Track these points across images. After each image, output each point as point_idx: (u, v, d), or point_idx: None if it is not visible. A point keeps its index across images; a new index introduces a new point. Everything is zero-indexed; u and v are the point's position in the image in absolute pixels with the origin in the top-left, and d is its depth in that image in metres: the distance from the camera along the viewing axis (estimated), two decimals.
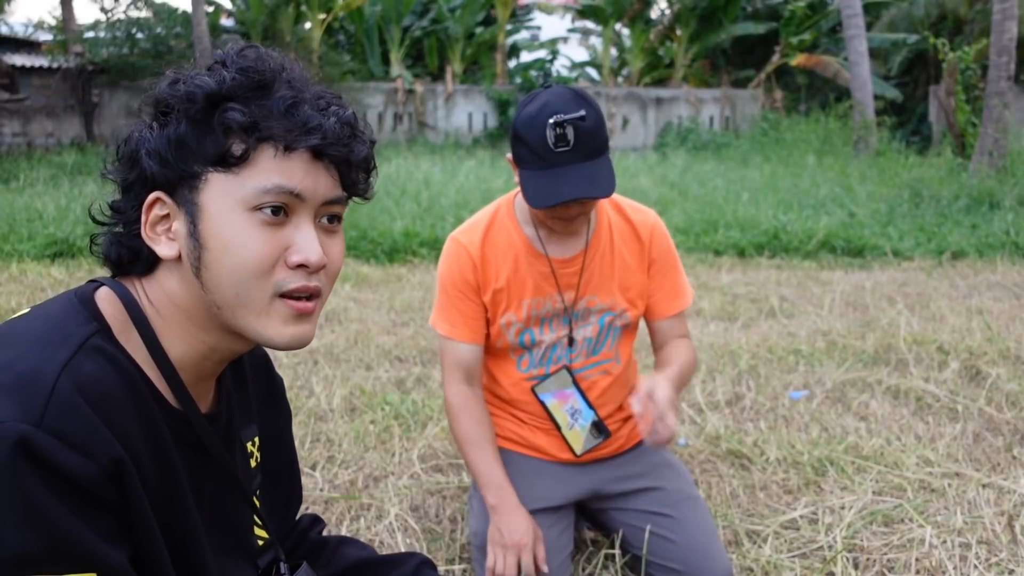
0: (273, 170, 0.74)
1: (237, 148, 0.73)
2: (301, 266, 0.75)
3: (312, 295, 0.77)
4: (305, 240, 0.75)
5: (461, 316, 1.61)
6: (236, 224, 0.73)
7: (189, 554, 0.77)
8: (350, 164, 0.78)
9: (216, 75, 0.74)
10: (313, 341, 3.48)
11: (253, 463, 0.94)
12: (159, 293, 0.78)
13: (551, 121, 1.36)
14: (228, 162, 0.73)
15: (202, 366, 0.80)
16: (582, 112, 1.37)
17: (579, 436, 1.64)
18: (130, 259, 0.79)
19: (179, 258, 0.76)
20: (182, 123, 0.73)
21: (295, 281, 0.75)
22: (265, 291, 0.75)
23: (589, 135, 1.38)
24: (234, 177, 0.73)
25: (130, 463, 0.68)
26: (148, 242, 0.76)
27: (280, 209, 0.74)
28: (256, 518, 0.92)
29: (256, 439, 0.96)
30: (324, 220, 0.79)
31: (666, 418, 1.34)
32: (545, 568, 1.52)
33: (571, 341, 1.62)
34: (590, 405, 1.63)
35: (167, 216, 0.76)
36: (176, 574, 0.75)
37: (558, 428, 1.64)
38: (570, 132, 1.36)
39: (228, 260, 0.73)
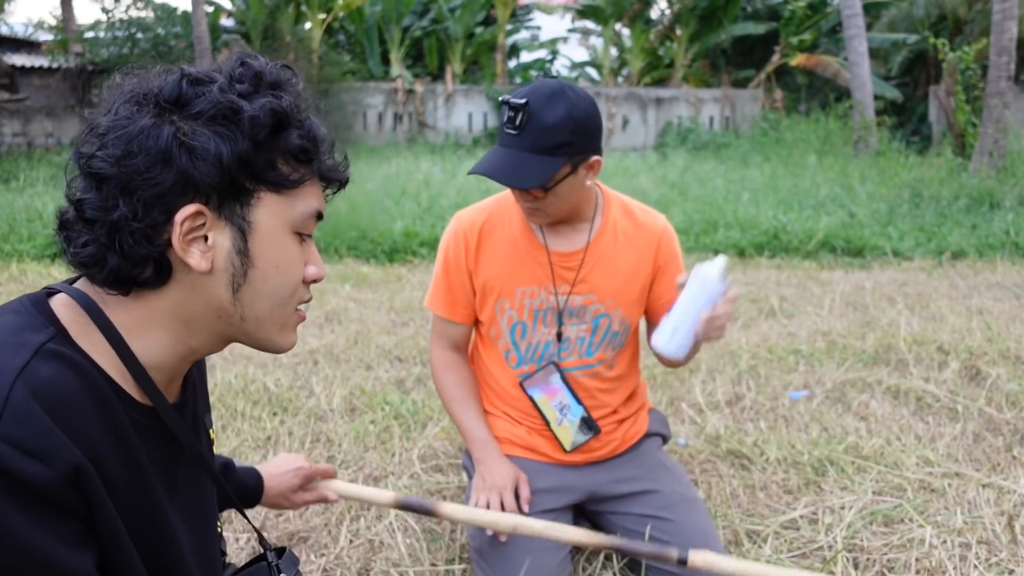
0: (312, 196, 0.81)
1: (295, 174, 0.78)
2: (315, 281, 0.83)
3: None
4: (317, 258, 0.84)
5: (450, 295, 1.65)
6: (286, 245, 0.79)
7: (163, 551, 0.77)
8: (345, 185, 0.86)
9: (279, 98, 0.76)
10: (313, 341, 3.49)
11: (215, 448, 0.97)
12: (157, 304, 0.76)
13: (500, 99, 1.43)
14: (283, 185, 0.77)
15: (178, 367, 0.81)
16: (524, 100, 1.37)
17: (568, 432, 1.64)
18: (129, 270, 0.73)
19: (209, 271, 0.75)
20: (245, 140, 0.74)
21: (307, 294, 0.84)
22: (293, 306, 0.82)
23: (539, 129, 1.37)
24: (285, 200, 0.78)
25: (91, 468, 0.67)
26: (180, 253, 0.73)
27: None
28: (231, 505, 0.95)
29: (210, 426, 0.98)
30: None
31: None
32: (526, 508, 1.57)
33: (559, 336, 1.61)
34: (579, 401, 1.62)
35: (201, 226, 0.74)
36: (150, 574, 0.74)
37: (547, 424, 1.64)
38: (521, 117, 1.37)
39: (277, 279, 0.78)
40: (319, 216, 0.82)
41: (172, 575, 0.76)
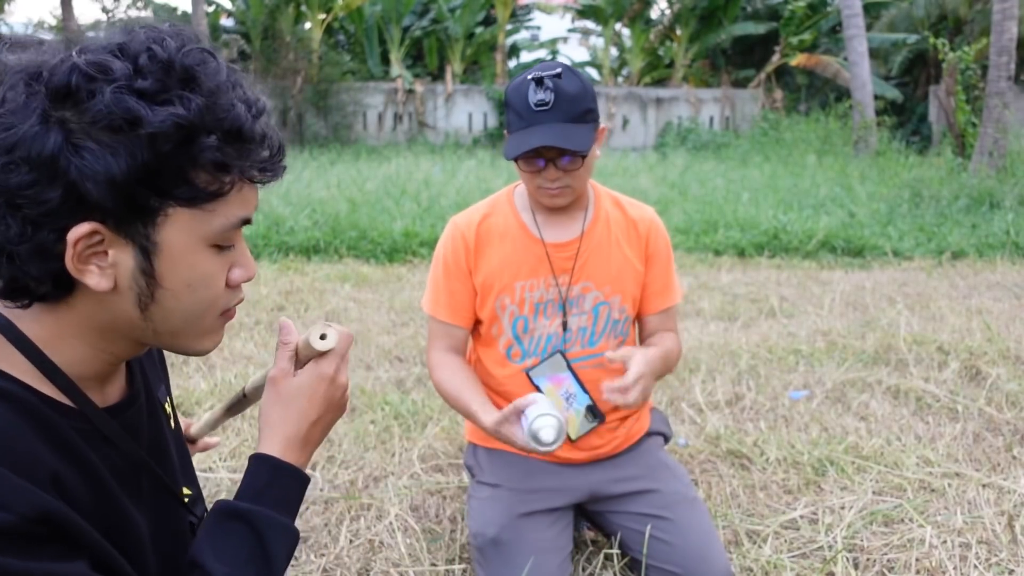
0: (237, 204, 0.71)
1: (213, 186, 0.68)
2: (243, 282, 0.76)
3: None
4: (246, 259, 0.76)
5: (452, 298, 1.64)
6: (201, 263, 0.71)
7: (128, 555, 0.75)
8: (278, 173, 0.75)
9: (187, 103, 0.64)
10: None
11: (173, 424, 0.94)
12: (66, 315, 0.71)
13: (530, 77, 1.45)
14: (198, 199, 0.67)
15: (107, 371, 0.77)
16: (558, 69, 1.44)
17: (574, 420, 1.64)
18: (24, 284, 0.67)
19: (112, 288, 0.68)
20: (145, 153, 0.63)
21: (235, 298, 0.77)
22: (213, 316, 0.75)
23: (569, 99, 1.43)
24: (201, 214, 0.68)
25: (55, 503, 0.63)
26: (75, 274, 0.66)
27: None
28: (185, 499, 0.90)
29: (169, 398, 0.95)
30: None
31: (627, 393, 1.39)
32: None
33: (565, 326, 1.62)
34: (584, 389, 1.63)
35: (100, 243, 0.66)
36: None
37: None
38: (549, 95, 1.43)
39: (189, 298, 0.71)
40: (246, 221, 0.73)
41: (135, 572, 0.75)
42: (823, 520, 1.97)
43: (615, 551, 1.71)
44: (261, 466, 0.80)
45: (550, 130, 1.42)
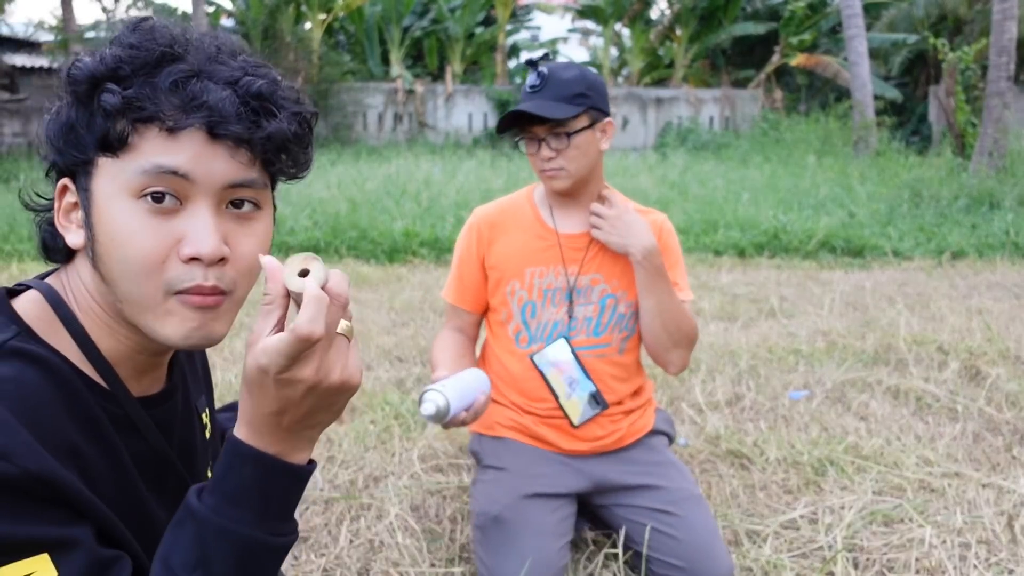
0: (155, 151, 0.68)
1: (117, 128, 0.68)
2: (195, 259, 0.68)
3: (214, 292, 0.70)
4: (198, 230, 0.68)
5: (461, 283, 1.74)
6: (120, 213, 0.68)
7: (148, 550, 0.74)
8: (251, 142, 0.70)
9: (99, 54, 0.70)
10: None
11: (207, 434, 0.93)
12: (79, 285, 0.75)
13: (523, 61, 1.57)
14: (112, 146, 0.68)
15: (137, 360, 0.77)
16: (546, 52, 1.58)
17: (577, 406, 1.67)
18: (53, 245, 0.77)
19: (84, 247, 0.73)
20: (71, 107, 0.70)
21: (189, 279, 0.69)
22: (157, 288, 0.69)
23: (559, 82, 1.54)
24: (119, 161, 0.69)
25: (63, 470, 0.64)
26: (60, 230, 0.74)
27: (165, 195, 0.68)
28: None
29: (207, 409, 0.95)
30: (234, 206, 0.72)
31: (609, 208, 1.61)
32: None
33: (571, 315, 1.67)
34: (588, 376, 1.66)
35: (75, 205, 0.73)
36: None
37: (556, 398, 1.67)
38: (539, 78, 1.55)
39: (116, 252, 0.69)
40: (175, 172, 0.68)
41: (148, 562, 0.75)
42: (823, 520, 1.97)
43: (617, 551, 1.71)
44: (226, 451, 0.70)
45: (531, 104, 1.53)
